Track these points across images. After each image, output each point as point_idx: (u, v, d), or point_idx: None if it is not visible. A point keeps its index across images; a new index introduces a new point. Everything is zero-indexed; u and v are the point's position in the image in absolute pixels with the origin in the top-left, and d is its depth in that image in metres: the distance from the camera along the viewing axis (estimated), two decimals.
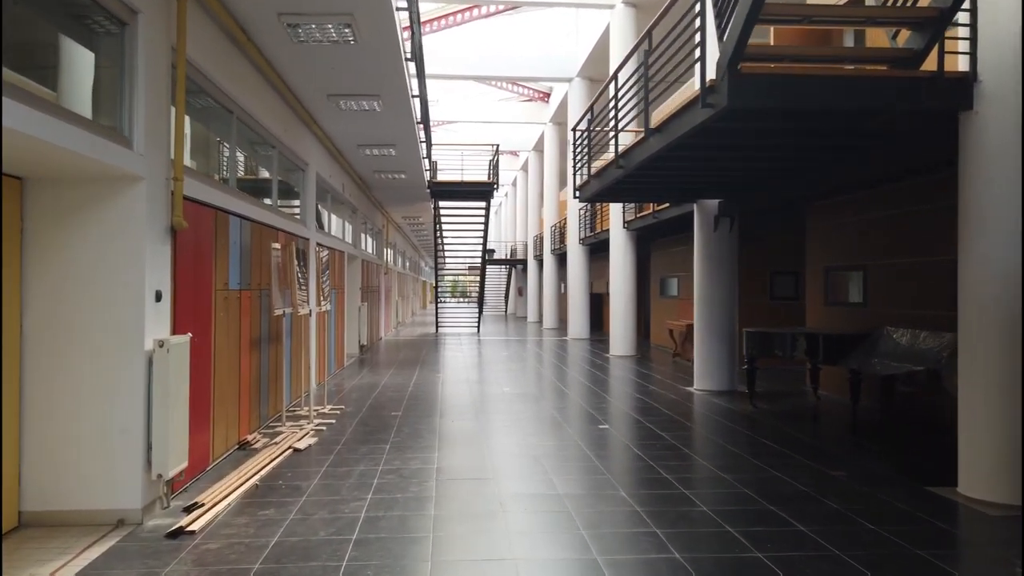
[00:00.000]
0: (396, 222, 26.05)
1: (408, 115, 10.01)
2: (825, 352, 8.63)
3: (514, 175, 39.60)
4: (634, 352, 16.45)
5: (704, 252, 10.82)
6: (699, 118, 5.59)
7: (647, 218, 14.72)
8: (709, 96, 5.29)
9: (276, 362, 8.33)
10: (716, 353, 10.67)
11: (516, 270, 40.90)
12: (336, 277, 12.72)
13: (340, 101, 9.04)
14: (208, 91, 6.29)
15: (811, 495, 5.33)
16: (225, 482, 5.61)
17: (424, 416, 8.62)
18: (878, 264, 9.16)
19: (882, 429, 7.95)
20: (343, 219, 14.76)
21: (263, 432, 7.61)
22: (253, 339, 7.44)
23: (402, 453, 6.70)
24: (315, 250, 9.35)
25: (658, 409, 9.11)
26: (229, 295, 6.65)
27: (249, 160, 8.82)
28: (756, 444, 7.08)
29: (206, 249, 6.05)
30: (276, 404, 8.36)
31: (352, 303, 15.25)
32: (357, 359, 15.30)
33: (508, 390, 10.81)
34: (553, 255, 27.68)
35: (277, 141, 8.63)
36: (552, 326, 27.03)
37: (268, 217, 7.97)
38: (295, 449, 6.84)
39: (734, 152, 6.93)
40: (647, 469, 6.12)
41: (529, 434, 7.57)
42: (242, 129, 7.50)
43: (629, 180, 8.64)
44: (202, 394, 5.96)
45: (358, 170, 14.51)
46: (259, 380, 7.69)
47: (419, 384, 11.40)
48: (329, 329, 12.03)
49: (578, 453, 6.72)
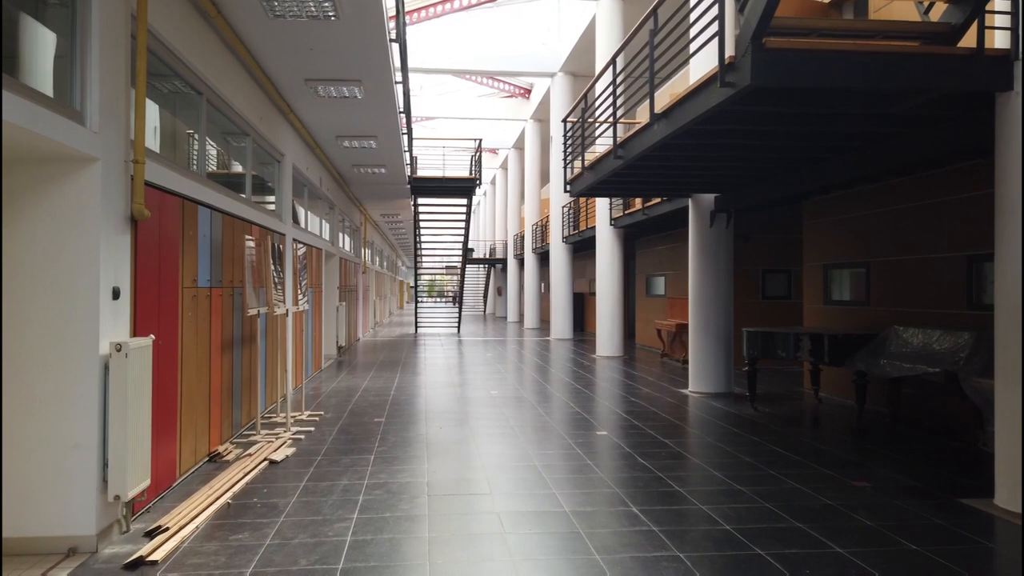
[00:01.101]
0: (374, 220, 25.41)
1: (391, 103, 9.46)
2: (831, 353, 8.25)
3: (493, 173, 39.11)
4: (621, 353, 16.02)
5: (699, 249, 10.40)
6: (714, 100, 5.13)
7: (636, 215, 14.29)
8: (729, 74, 4.83)
9: (250, 366, 7.75)
10: (712, 354, 10.26)
11: (495, 269, 40.39)
12: (313, 275, 12.12)
13: (319, 87, 8.47)
14: (174, 67, 5.70)
15: (839, 509, 4.89)
16: (193, 501, 5.03)
17: (409, 422, 8.09)
18: (882, 261, 8.80)
19: (893, 434, 7.57)
20: (320, 215, 14.14)
21: (236, 442, 7.02)
22: (225, 341, 6.85)
23: (388, 465, 6.16)
24: (292, 246, 8.77)
25: (655, 413, 8.66)
26: (198, 293, 6.07)
27: (221, 149, 8.21)
28: (766, 451, 6.65)
29: (172, 242, 5.47)
30: (250, 411, 7.78)
31: (330, 302, 14.64)
32: (335, 361, 14.69)
33: (496, 393, 10.30)
34: (534, 254, 27.21)
35: (251, 129, 8.04)
36: (533, 326, 26.54)
37: (241, 209, 7.38)
38: (271, 461, 6.27)
39: (745, 140, 6.49)
40: (656, 481, 5.65)
41: (524, 442, 7.07)
42: (212, 114, 6.91)
43: (627, 172, 8.17)
44: (167, 402, 5.38)
45: (336, 164, 13.91)
46: (231, 385, 7.11)
47: (402, 387, 10.85)
48: (306, 330, 11.43)
49: (579, 463, 6.23)
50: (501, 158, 36.54)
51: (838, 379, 9.55)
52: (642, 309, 19.28)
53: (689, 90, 5.59)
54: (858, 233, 9.28)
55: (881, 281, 8.83)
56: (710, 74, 5.17)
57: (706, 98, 5.30)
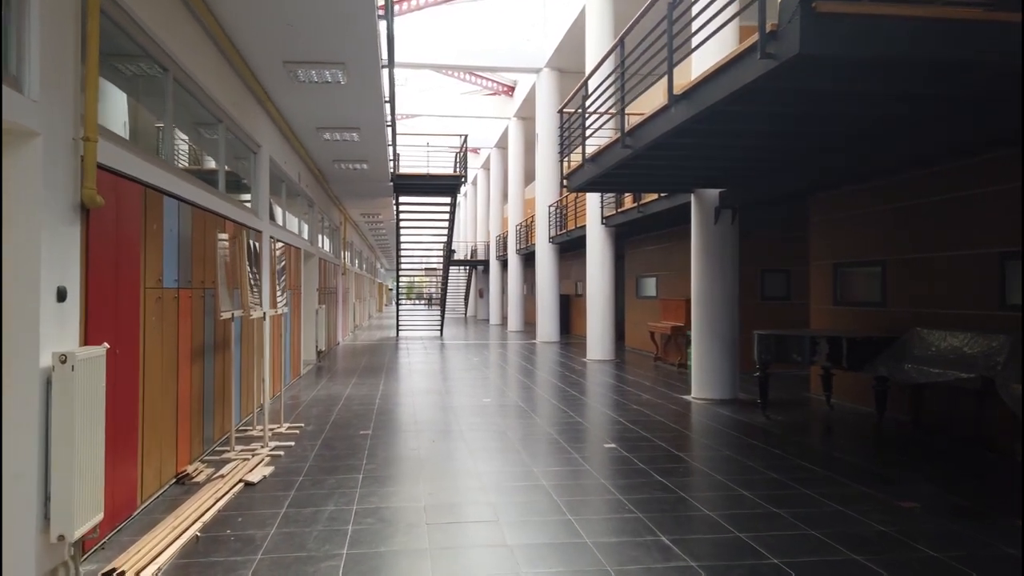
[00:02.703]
0: (354, 220, 24.65)
1: (376, 90, 8.80)
2: (849, 357, 7.73)
3: (475, 173, 38.45)
4: (613, 356, 15.46)
5: (703, 248, 9.85)
6: (750, 75, 4.55)
7: (630, 213, 13.73)
8: (771, 44, 4.26)
9: (223, 374, 7.05)
10: (717, 358, 9.71)
11: (477, 271, 39.73)
12: (291, 276, 11.40)
13: (298, 70, 7.79)
14: (135, 37, 5.01)
15: (895, 537, 4.33)
16: (156, 534, 4.35)
17: (398, 435, 7.43)
18: (900, 259, 8.30)
19: (919, 443, 7.06)
20: (299, 214, 13.42)
21: (208, 460, 6.32)
22: (195, 347, 6.16)
23: (379, 486, 5.51)
24: (270, 244, 8.08)
25: (662, 423, 8.09)
26: (164, 295, 5.37)
27: (192, 137, 7.51)
28: (791, 466, 6.09)
29: (132, 236, 4.78)
30: (223, 424, 7.08)
31: (309, 305, 13.91)
32: (315, 367, 13.95)
33: (488, 401, 9.67)
34: (518, 255, 26.61)
35: (224, 115, 7.34)
36: (517, 329, 25.93)
37: (214, 202, 6.69)
38: (246, 483, 5.59)
39: (772, 125, 5.92)
40: (681, 503, 5.06)
41: (527, 457, 6.45)
42: (181, 96, 6.22)
43: (634, 163, 7.58)
44: (126, 419, 4.69)
45: (316, 159, 13.19)
46: (202, 397, 6.41)
47: (387, 395, 10.17)
48: (285, 334, 10.72)
49: (592, 482, 5.63)
50: (483, 158, 35.90)
51: (850, 384, 9.05)
52: (632, 311, 18.74)
53: (717, 67, 5.01)
54: (873, 229, 8.78)
55: (899, 280, 8.34)
56: (743, 48, 4.60)
57: (739, 74, 4.72)
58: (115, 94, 5.78)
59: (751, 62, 4.51)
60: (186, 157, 7.68)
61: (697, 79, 5.38)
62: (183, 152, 7.58)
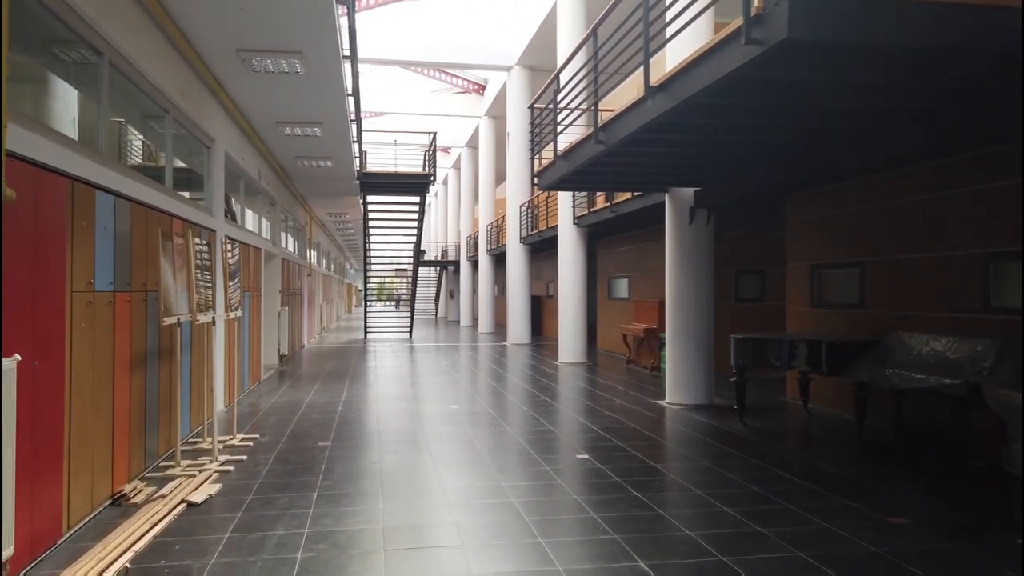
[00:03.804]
0: (320, 219, 24.07)
1: (338, 83, 8.36)
2: (829, 361, 7.49)
3: (445, 173, 38.00)
4: (585, 359, 15.15)
5: (677, 249, 9.56)
6: (734, 63, 4.23)
7: (602, 213, 13.43)
8: (756, 28, 3.94)
9: (169, 384, 6.56)
10: (692, 362, 9.43)
11: (447, 272, 39.27)
12: (250, 278, 10.89)
13: (253, 59, 7.33)
14: (58, 13, 4.54)
15: (890, 560, 4.03)
16: (80, 566, 3.89)
17: (359, 447, 7.01)
18: (880, 260, 8.09)
19: (901, 451, 6.83)
20: (260, 213, 12.89)
21: (150, 478, 5.84)
22: (135, 356, 5.68)
23: (335, 506, 5.09)
24: (223, 244, 7.60)
25: (636, 430, 7.77)
26: (96, 299, 4.90)
27: (137, 128, 7.01)
28: (773, 478, 5.79)
29: (56, 235, 4.31)
30: (169, 437, 6.59)
31: (271, 307, 13.38)
32: (276, 371, 13.42)
33: (456, 408, 9.27)
34: (489, 256, 26.23)
35: (171, 105, 6.86)
36: (488, 330, 25.55)
37: (158, 198, 6.21)
38: (189, 503, 5.13)
39: (753, 119, 5.61)
40: (659, 522, 4.72)
41: (495, 470, 6.08)
42: (119, 82, 5.74)
43: (607, 160, 7.25)
44: (48, 437, 4.22)
45: (277, 155, 12.68)
46: (144, 409, 5.92)
47: (351, 402, 9.72)
48: (243, 338, 10.21)
49: (564, 499, 5.27)
50: (454, 157, 35.45)
51: (829, 389, 8.82)
52: (604, 312, 18.46)
53: (698, 54, 4.69)
54: (852, 230, 8.56)
55: (878, 282, 8.12)
56: (726, 33, 4.28)
57: (721, 62, 4.40)
58: (56, 84, 5.33)
59: (735, 49, 4.18)
60: (140, 153, 7.21)
61: (675, 68, 5.05)
62: (136, 148, 7.11)
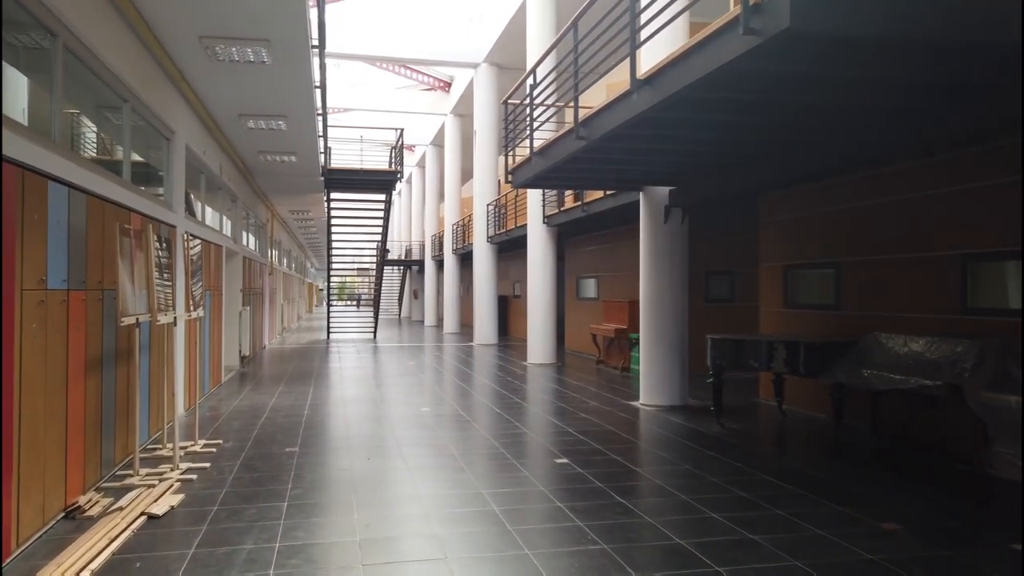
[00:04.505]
0: (282, 217, 23.53)
1: (305, 73, 8.05)
2: (807, 363, 7.44)
3: (410, 171, 37.54)
4: (554, 360, 15.01)
5: (652, 249, 9.46)
6: (729, 55, 4.09)
7: (573, 212, 13.29)
8: (755, 18, 3.80)
9: (128, 387, 6.21)
10: (666, 363, 9.34)
11: (411, 271, 38.86)
12: (211, 276, 10.49)
13: (217, 46, 6.99)
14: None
15: (887, 568, 3.92)
16: None
17: (329, 452, 6.73)
18: (855, 260, 8.08)
19: (880, 453, 6.81)
20: (221, 210, 12.45)
21: (106, 488, 5.49)
22: (91, 358, 5.33)
23: (307, 516, 4.82)
24: (184, 240, 7.24)
25: (613, 433, 7.63)
26: (48, 298, 4.56)
27: (93, 118, 6.63)
28: (758, 482, 5.68)
29: (4, 228, 3.98)
30: (127, 444, 6.23)
31: (232, 307, 12.94)
32: (237, 373, 12.99)
33: (427, 411, 9.03)
34: (454, 255, 25.95)
35: (129, 93, 6.50)
36: (453, 331, 25.28)
37: (115, 191, 5.86)
38: (150, 516, 4.82)
39: (740, 115, 5.49)
40: (649, 530, 4.56)
41: (472, 476, 5.87)
42: (75, 68, 5.38)
43: (586, 157, 7.09)
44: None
45: (240, 150, 12.26)
46: (100, 414, 5.57)
47: (317, 405, 9.40)
48: (203, 338, 9.81)
49: (548, 507, 5.08)
50: (418, 155, 35.06)
51: (802, 390, 8.80)
52: (572, 312, 18.35)
53: (689, 46, 4.54)
54: (826, 230, 8.55)
55: (854, 283, 8.11)
56: (722, 22, 4.14)
57: (715, 54, 4.25)
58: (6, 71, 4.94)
59: (731, 39, 4.04)
60: (96, 147, 6.82)
61: (664, 61, 4.90)
62: (91, 141, 6.72)
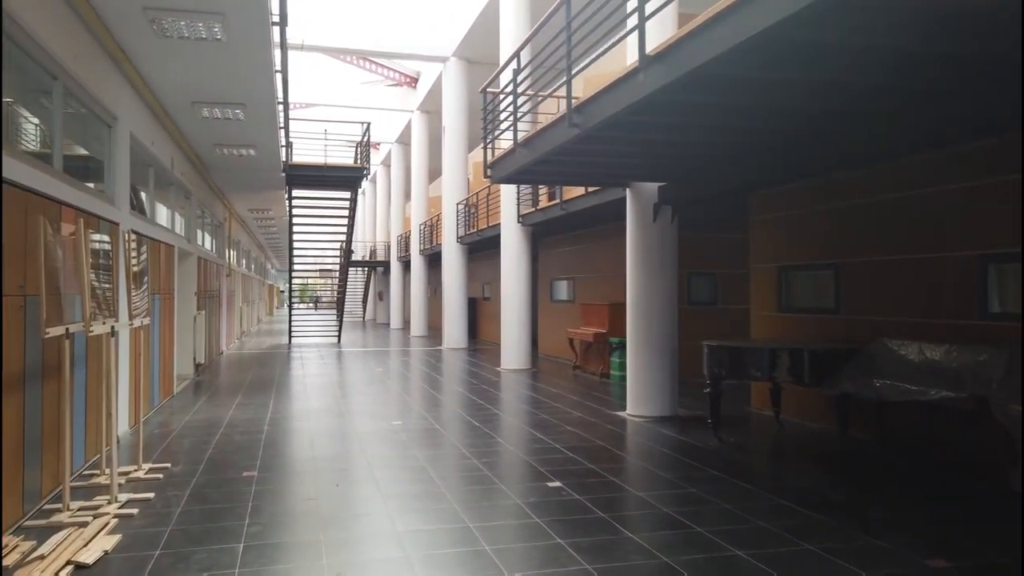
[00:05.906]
0: (241, 216, 22.49)
1: (265, 53, 7.28)
2: (811, 372, 6.93)
3: (375, 170, 36.61)
4: (529, 365, 14.37)
5: (640, 249, 8.89)
6: (762, 22, 3.49)
7: (551, 210, 12.66)
8: None
9: (57, 406, 5.38)
10: (656, 371, 8.76)
11: (376, 273, 37.92)
12: (162, 278, 9.62)
13: (164, 20, 6.19)
14: None
15: None
16: None
17: (292, 478, 5.99)
18: (857, 262, 7.59)
19: (894, 468, 6.30)
20: (173, 207, 11.54)
21: (29, 527, 4.68)
22: (9, 376, 4.52)
23: (268, 562, 4.09)
24: (127, 239, 6.42)
25: (605, 449, 7.02)
26: None
27: (17, 98, 5.77)
28: (777, 508, 5.10)
29: None
30: (56, 472, 5.40)
31: (185, 311, 12.03)
32: (192, 382, 12.08)
33: (399, 424, 8.31)
34: (422, 256, 25.19)
35: (59, 70, 5.68)
36: (421, 334, 24.52)
37: (40, 180, 5.05)
38: (78, 565, 4.04)
39: (757, 98, 4.91)
40: (667, 572, 3.94)
41: (457, 505, 5.18)
42: None
43: (578, 148, 6.45)
44: None
45: (193, 141, 11.37)
46: (20, 440, 4.76)
47: (278, 420, 8.61)
48: (152, 346, 8.94)
49: (550, 545, 4.41)
50: (384, 153, 34.16)
51: (799, 399, 8.30)
52: (546, 316, 17.72)
53: (711, 16, 3.93)
54: (824, 229, 8.06)
55: (856, 285, 7.62)
56: None
57: (745, 21, 3.65)
58: None
59: (769, 3, 3.44)
60: (29, 138, 5.96)
61: (679, 34, 4.29)
62: (20, 127, 5.86)
